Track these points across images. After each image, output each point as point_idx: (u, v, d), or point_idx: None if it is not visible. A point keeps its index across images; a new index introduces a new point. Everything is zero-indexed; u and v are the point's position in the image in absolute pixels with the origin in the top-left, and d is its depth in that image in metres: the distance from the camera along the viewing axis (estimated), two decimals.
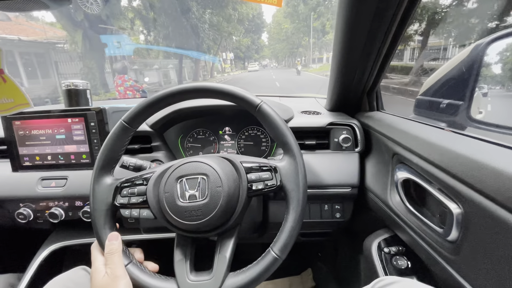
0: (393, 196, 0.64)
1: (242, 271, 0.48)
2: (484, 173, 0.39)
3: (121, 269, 0.47)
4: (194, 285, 0.47)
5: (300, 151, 0.52)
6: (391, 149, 0.66)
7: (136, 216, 0.53)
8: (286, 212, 0.50)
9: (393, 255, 0.67)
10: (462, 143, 0.49)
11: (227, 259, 0.49)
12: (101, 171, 0.53)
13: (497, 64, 0.66)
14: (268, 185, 0.51)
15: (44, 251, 0.88)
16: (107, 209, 0.52)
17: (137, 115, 0.54)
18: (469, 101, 0.63)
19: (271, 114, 0.53)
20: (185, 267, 0.49)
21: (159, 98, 0.54)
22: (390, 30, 0.65)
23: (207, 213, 0.47)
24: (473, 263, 0.40)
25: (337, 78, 0.84)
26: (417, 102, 0.79)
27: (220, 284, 0.46)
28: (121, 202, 0.52)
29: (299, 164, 0.51)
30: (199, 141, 0.96)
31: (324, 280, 1.25)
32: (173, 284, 0.48)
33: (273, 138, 0.55)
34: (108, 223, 0.52)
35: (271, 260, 0.47)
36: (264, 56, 61.55)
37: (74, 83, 0.84)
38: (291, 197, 0.50)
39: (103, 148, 0.53)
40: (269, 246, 0.49)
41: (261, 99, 0.54)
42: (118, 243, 0.49)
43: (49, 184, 0.81)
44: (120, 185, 0.53)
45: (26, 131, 0.80)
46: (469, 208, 0.41)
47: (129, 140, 0.56)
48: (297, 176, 0.50)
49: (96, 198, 0.52)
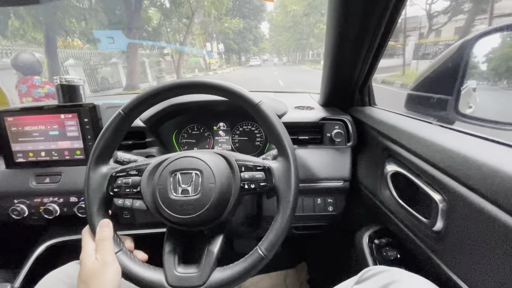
0: (383, 189, 0.65)
1: (228, 267, 0.49)
2: (468, 166, 0.40)
3: (111, 255, 0.47)
4: (180, 277, 0.48)
5: (294, 154, 0.53)
6: (382, 143, 0.67)
7: (129, 206, 0.54)
8: (277, 213, 0.51)
9: (382, 246, 0.69)
10: (448, 137, 0.50)
11: (215, 254, 0.50)
12: (97, 160, 0.53)
13: (485, 59, 0.67)
14: (261, 185, 0.52)
15: (39, 247, 0.88)
16: (101, 197, 0.52)
17: (135, 106, 0.54)
18: (457, 95, 0.64)
19: (269, 114, 0.53)
20: (173, 259, 0.50)
21: (156, 92, 0.54)
22: (380, 25, 0.66)
23: (198, 208, 0.48)
24: (457, 252, 0.42)
25: (330, 73, 0.84)
26: (408, 97, 0.81)
27: (206, 278, 0.47)
28: (115, 191, 0.53)
29: (292, 166, 0.51)
30: (193, 136, 0.96)
31: (318, 273, 1.27)
32: (160, 275, 0.49)
33: (269, 137, 0.55)
34: (101, 211, 0.52)
35: (257, 258, 0.48)
36: (263, 49, 53.05)
37: (67, 78, 0.83)
38: (282, 198, 0.50)
39: (101, 137, 0.54)
40: (257, 245, 0.50)
41: (260, 99, 0.54)
42: (109, 230, 0.50)
43: (43, 180, 0.81)
44: (115, 175, 0.53)
45: (18, 127, 0.80)
46: (453, 200, 0.42)
47: (126, 131, 0.56)
48: (289, 179, 0.51)
49: (90, 186, 0.52)
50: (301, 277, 1.32)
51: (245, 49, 40.08)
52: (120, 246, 0.51)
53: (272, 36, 51.24)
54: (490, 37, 0.61)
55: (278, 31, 44.31)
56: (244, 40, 38.19)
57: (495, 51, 0.66)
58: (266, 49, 54.82)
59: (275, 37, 47.95)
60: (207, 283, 0.47)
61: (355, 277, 0.49)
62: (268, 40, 53.87)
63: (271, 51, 58.22)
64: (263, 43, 52.07)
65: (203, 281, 0.47)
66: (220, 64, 29.71)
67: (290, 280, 1.32)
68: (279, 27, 42.88)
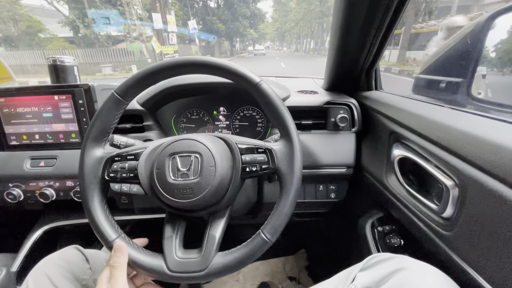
0: (389, 175, 0.63)
1: (230, 251, 0.48)
2: (483, 148, 0.38)
3: (122, 285, 0.45)
4: (181, 262, 0.47)
5: (297, 135, 0.50)
6: (388, 127, 0.65)
7: (126, 191, 0.52)
8: (279, 196, 0.49)
9: (386, 233, 0.67)
10: (461, 119, 0.48)
11: (217, 239, 0.49)
12: (91, 143, 0.51)
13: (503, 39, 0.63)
14: (263, 167, 0.50)
15: (37, 231, 0.87)
16: (96, 182, 0.51)
17: (129, 87, 0.52)
18: (470, 78, 0.61)
19: (270, 94, 0.51)
20: (173, 244, 0.49)
21: (152, 71, 0.51)
22: (390, 6, 0.62)
23: (198, 192, 0.46)
24: (468, 240, 0.40)
25: (335, 56, 0.81)
26: (416, 80, 0.77)
27: (208, 263, 0.46)
28: (112, 176, 0.51)
29: (295, 148, 0.49)
30: (193, 121, 0.93)
31: (317, 260, 1.27)
32: (160, 260, 0.47)
33: (270, 119, 0.53)
34: (97, 196, 0.50)
35: (260, 242, 0.46)
36: (264, 35, 40.67)
37: (60, 58, 0.80)
38: (285, 180, 0.49)
39: (94, 119, 0.51)
40: (260, 228, 0.48)
41: (261, 78, 0.51)
42: (124, 256, 0.47)
43: (38, 163, 0.79)
44: (111, 159, 0.51)
45: (11, 108, 0.77)
46: (466, 184, 0.40)
47: (121, 113, 0.54)
48: (292, 160, 0.49)
49: (85, 170, 0.50)
50: (301, 264, 1.33)
51: (237, 31, 25.82)
52: (118, 232, 0.50)
53: (276, 19, 41.44)
54: (509, 15, 0.57)
55: (284, 10, 35.17)
56: (235, 17, 24.13)
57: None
58: (268, 34, 44.35)
59: (280, 19, 37.69)
60: (209, 267, 0.46)
61: (360, 264, 0.48)
62: (271, 24, 44.37)
63: (273, 38, 49.11)
64: (263, 25, 38.05)
65: (205, 266, 0.46)
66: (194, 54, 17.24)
67: (289, 267, 1.33)
68: (285, 5, 34.19)
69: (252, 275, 1.29)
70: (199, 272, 0.46)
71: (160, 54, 12.54)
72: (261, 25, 36.35)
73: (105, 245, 0.49)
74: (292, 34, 37.76)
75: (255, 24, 30.61)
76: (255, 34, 35.00)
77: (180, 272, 0.46)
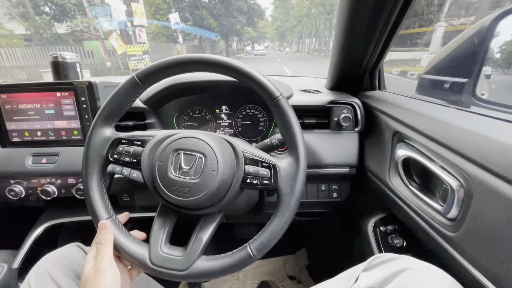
0: (393, 175, 0.63)
1: (214, 257, 0.48)
2: (490, 149, 0.38)
3: (108, 261, 0.45)
4: (164, 257, 0.47)
5: (305, 156, 0.50)
6: (392, 127, 0.65)
7: (126, 174, 0.52)
8: (274, 213, 0.48)
9: (388, 233, 0.67)
10: (467, 119, 0.48)
11: (203, 241, 0.48)
12: (102, 121, 0.52)
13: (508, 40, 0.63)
14: (264, 182, 0.49)
15: (38, 228, 0.87)
16: (99, 160, 0.51)
17: (150, 74, 0.51)
18: (475, 79, 0.61)
19: (288, 110, 0.50)
20: (160, 237, 0.49)
21: (175, 62, 0.51)
22: (396, 5, 0.62)
23: (195, 193, 0.46)
24: (474, 241, 0.40)
25: (339, 55, 0.80)
26: (420, 80, 0.77)
27: (190, 264, 0.46)
28: (115, 157, 0.51)
29: (300, 170, 0.49)
30: (195, 119, 0.93)
31: (318, 259, 1.27)
32: (144, 250, 0.48)
33: (282, 134, 0.52)
34: (97, 174, 0.51)
35: (245, 256, 0.46)
36: (264, 34, 36.24)
37: (62, 55, 0.79)
38: (283, 200, 0.48)
39: (109, 99, 0.52)
40: (248, 242, 0.48)
41: (281, 92, 0.50)
42: (110, 233, 0.47)
43: (39, 160, 0.78)
44: (118, 140, 0.52)
45: (13, 105, 0.77)
46: (472, 185, 0.40)
47: (137, 97, 0.54)
48: (295, 182, 0.48)
49: (91, 147, 0.51)
50: (301, 263, 1.33)
51: (233, 29, 21.41)
52: (110, 213, 0.50)
53: (276, 17, 37.74)
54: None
55: (285, 7, 30.98)
56: (229, 12, 20.16)
57: None
58: (268, 33, 39.62)
59: (281, 17, 33.47)
60: (189, 269, 0.46)
61: (363, 264, 0.48)
62: (271, 23, 40.90)
63: (273, 38, 45.45)
64: (262, 23, 34.73)
65: (186, 266, 0.46)
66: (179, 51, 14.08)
67: (289, 266, 1.33)
68: (286, 1, 30.10)
69: (252, 274, 1.29)
70: (179, 271, 0.46)
71: (124, 56, 9.45)
72: (260, 23, 33.23)
73: (95, 223, 0.49)
74: (293, 34, 34.46)
75: (253, 21, 26.46)
76: (253, 33, 31.53)
77: (161, 266, 0.46)
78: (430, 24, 7.25)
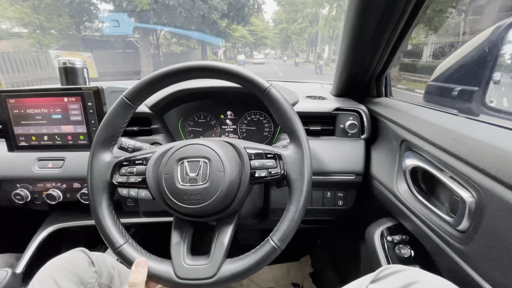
0: (400, 184, 0.62)
1: (239, 258, 0.47)
2: (503, 160, 0.37)
3: None
4: (190, 269, 0.46)
5: (307, 140, 0.50)
6: (399, 136, 0.64)
7: (134, 196, 0.52)
8: (289, 202, 0.48)
9: (396, 243, 0.66)
10: (478, 129, 0.47)
11: (225, 245, 0.48)
12: (100, 147, 0.51)
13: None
14: (272, 173, 0.49)
15: (42, 232, 0.88)
16: (104, 186, 0.50)
17: (138, 92, 0.52)
18: (485, 87, 0.60)
19: (280, 99, 0.50)
20: (181, 250, 0.48)
21: (162, 75, 0.51)
22: (405, 12, 0.61)
23: (207, 198, 0.45)
24: (486, 254, 0.38)
25: (346, 62, 0.80)
26: (428, 88, 0.76)
27: (216, 270, 0.45)
28: (119, 180, 0.51)
29: (305, 153, 0.49)
30: (200, 125, 0.93)
31: (322, 267, 1.25)
32: (168, 267, 0.47)
33: (280, 124, 0.52)
34: (105, 201, 0.50)
35: (269, 249, 0.46)
36: (263, 38, 28.31)
37: (71, 60, 0.80)
38: (294, 187, 0.48)
39: (102, 124, 0.51)
40: (269, 235, 0.47)
41: (270, 83, 0.51)
42: (144, 273, 0.46)
43: (45, 165, 0.79)
44: (119, 163, 0.51)
45: (21, 110, 0.77)
46: (483, 197, 0.39)
47: (129, 117, 0.54)
48: (302, 166, 0.48)
49: (93, 175, 0.50)
50: (305, 271, 1.31)
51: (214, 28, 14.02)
52: (126, 237, 0.49)
53: (279, 21, 30.40)
54: None
55: (293, 3, 24.54)
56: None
57: None
58: (269, 38, 31.34)
59: (287, 17, 26.51)
60: (218, 274, 0.45)
61: (371, 275, 0.47)
62: (272, 27, 34.13)
63: (274, 44, 38.24)
64: (262, 26, 27.01)
65: (213, 272, 0.45)
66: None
67: (293, 273, 1.32)
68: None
69: (256, 281, 1.27)
70: (208, 279, 0.45)
71: None
72: (256, 23, 24.42)
73: (112, 250, 0.48)
74: (299, 39, 28.08)
75: (243, 15, 15.65)
76: (249, 37, 23.02)
77: (188, 279, 0.45)
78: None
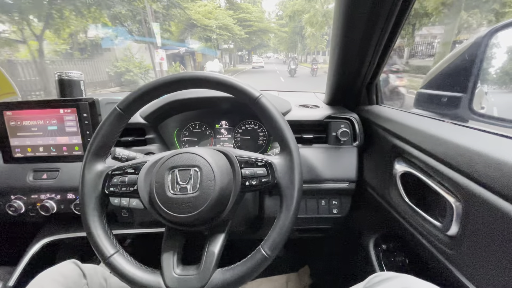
0: (392, 190, 0.62)
1: (230, 268, 0.47)
2: (486, 164, 0.37)
3: None
4: (179, 279, 0.46)
5: (297, 148, 0.50)
6: (390, 142, 0.64)
7: (125, 205, 0.52)
8: (280, 210, 0.48)
9: (390, 251, 0.65)
10: (463, 134, 0.47)
11: (216, 254, 0.48)
12: (92, 157, 0.52)
13: (502, 55, 0.63)
14: (263, 181, 0.50)
15: (36, 245, 0.87)
16: (96, 196, 0.51)
17: (132, 102, 0.52)
18: (471, 93, 0.61)
19: (269, 107, 0.51)
20: (172, 260, 0.48)
21: (154, 86, 0.52)
22: (389, 20, 0.63)
23: (197, 206, 0.45)
24: (473, 259, 0.38)
25: (336, 70, 0.81)
26: (418, 95, 0.77)
27: (207, 281, 0.45)
28: (111, 190, 0.51)
29: (295, 161, 0.49)
30: (195, 134, 0.94)
31: (321, 277, 1.23)
32: (158, 277, 0.46)
33: (270, 132, 0.53)
34: (97, 211, 0.50)
35: (260, 258, 0.45)
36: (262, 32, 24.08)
37: (67, 73, 0.82)
38: (285, 194, 0.48)
39: (96, 134, 0.52)
40: (259, 244, 0.47)
41: (261, 92, 0.52)
42: None
43: (40, 176, 0.79)
44: (111, 173, 0.52)
45: (17, 121, 0.79)
46: (469, 201, 0.39)
47: (123, 127, 0.54)
48: (293, 173, 0.49)
49: (85, 184, 0.51)
50: (304, 281, 1.28)
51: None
52: (116, 247, 0.49)
53: (282, 25, 27.00)
54: (509, 30, 0.58)
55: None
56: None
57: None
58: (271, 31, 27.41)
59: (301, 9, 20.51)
60: (208, 285, 0.45)
61: (361, 284, 0.46)
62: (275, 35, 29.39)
63: (278, 45, 34.71)
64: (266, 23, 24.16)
65: (203, 283, 0.45)
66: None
67: (292, 284, 1.29)
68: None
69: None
70: None
71: None
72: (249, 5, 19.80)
73: (102, 260, 0.48)
74: (315, 38, 21.10)
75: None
76: (236, 29, 16.96)
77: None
78: None
